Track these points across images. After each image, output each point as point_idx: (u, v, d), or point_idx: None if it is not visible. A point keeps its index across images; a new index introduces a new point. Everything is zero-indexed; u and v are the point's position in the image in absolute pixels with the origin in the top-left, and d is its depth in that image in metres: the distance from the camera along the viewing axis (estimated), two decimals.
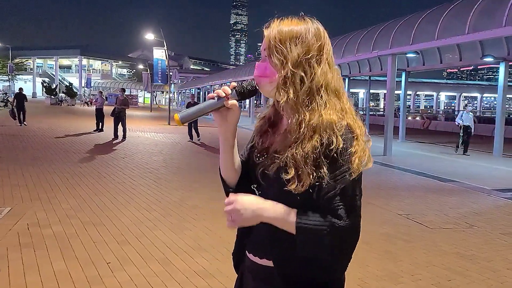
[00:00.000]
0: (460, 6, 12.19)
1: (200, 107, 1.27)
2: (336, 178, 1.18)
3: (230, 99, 1.27)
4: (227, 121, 1.31)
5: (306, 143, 1.19)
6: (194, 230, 5.29)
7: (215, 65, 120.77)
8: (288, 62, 1.24)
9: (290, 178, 1.19)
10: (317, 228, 1.17)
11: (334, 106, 1.24)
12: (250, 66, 34.97)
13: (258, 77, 1.31)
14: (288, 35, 1.26)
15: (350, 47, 16.81)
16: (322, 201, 1.19)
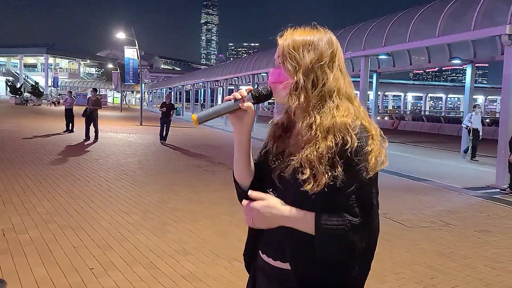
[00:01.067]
0: (430, 10, 12.52)
1: (217, 108, 1.32)
2: (352, 177, 1.21)
3: (246, 102, 1.32)
4: (242, 123, 1.36)
5: (320, 144, 1.23)
6: (177, 233, 5.23)
7: (186, 65, 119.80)
8: (300, 68, 1.29)
9: (306, 179, 1.22)
10: (336, 227, 1.21)
11: (347, 109, 1.28)
12: (222, 66, 34.89)
13: (272, 83, 1.35)
14: (301, 43, 1.31)
15: None
16: (338, 199, 1.23)
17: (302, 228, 1.26)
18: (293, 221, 1.27)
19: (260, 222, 1.30)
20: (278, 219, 1.28)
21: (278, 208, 1.28)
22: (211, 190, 7.76)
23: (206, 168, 10.34)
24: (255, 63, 24.13)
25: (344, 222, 1.20)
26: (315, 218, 1.23)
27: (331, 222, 1.21)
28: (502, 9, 9.77)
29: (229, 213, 6.24)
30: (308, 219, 1.25)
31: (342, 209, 1.22)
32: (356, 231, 1.21)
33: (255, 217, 1.29)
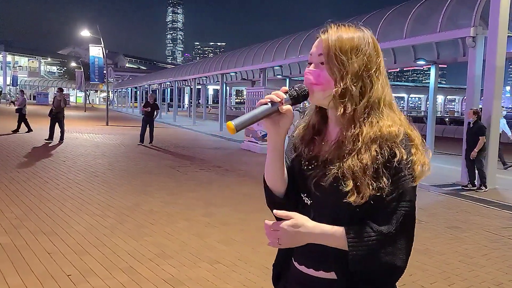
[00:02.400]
0: (397, 12, 12.82)
1: (254, 113, 1.19)
2: (395, 186, 1.18)
3: (284, 104, 1.22)
4: (279, 127, 1.26)
5: (364, 154, 1.19)
6: (155, 236, 5.13)
7: (151, 64, 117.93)
8: (348, 74, 1.22)
9: (349, 190, 1.18)
10: (368, 241, 1.17)
11: (392, 118, 1.25)
12: (190, 65, 34.54)
13: (311, 85, 1.26)
14: (349, 44, 1.23)
15: (293, 48, 17.13)
16: (380, 208, 1.19)
17: (333, 244, 1.22)
18: (323, 239, 1.22)
19: (287, 242, 1.23)
20: (307, 237, 1.22)
21: (306, 226, 1.22)
22: (186, 191, 7.66)
23: (178, 169, 10.21)
24: (224, 62, 24.03)
25: (376, 234, 1.17)
26: (346, 233, 1.19)
27: (363, 237, 1.17)
28: (466, 13, 10.12)
29: (206, 214, 6.18)
30: (338, 235, 1.20)
31: (376, 218, 1.19)
32: (391, 242, 1.18)
33: (282, 237, 1.22)
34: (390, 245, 1.18)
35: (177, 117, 32.80)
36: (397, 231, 1.18)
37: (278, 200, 1.35)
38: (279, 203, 1.34)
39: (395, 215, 1.18)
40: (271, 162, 1.33)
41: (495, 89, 9.14)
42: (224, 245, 4.89)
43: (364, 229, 1.18)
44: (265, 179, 1.37)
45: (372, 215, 1.20)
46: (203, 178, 8.96)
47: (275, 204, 1.35)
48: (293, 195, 1.36)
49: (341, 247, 1.20)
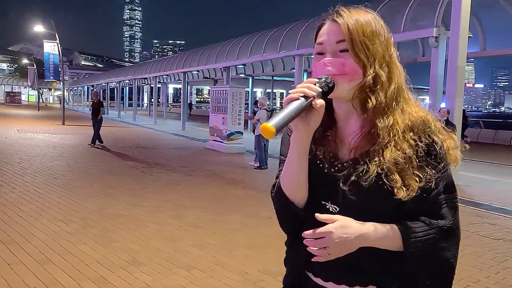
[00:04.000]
0: None
1: (290, 110, 1.00)
2: (440, 176, 1.10)
3: (317, 98, 1.04)
4: (309, 125, 1.07)
5: (403, 144, 1.08)
6: (124, 241, 4.85)
7: (109, 62, 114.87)
8: (376, 60, 1.09)
9: (398, 186, 1.05)
10: (427, 236, 1.08)
11: (416, 102, 1.16)
12: (150, 63, 33.77)
13: (335, 76, 1.09)
14: (369, 28, 1.10)
15: (257, 47, 17.03)
16: (426, 201, 1.09)
17: (386, 246, 1.09)
18: (376, 239, 1.08)
19: (337, 249, 1.07)
20: (358, 240, 1.07)
21: (355, 228, 1.07)
22: (152, 193, 7.37)
23: (142, 169, 9.85)
24: (186, 60, 23.63)
25: (432, 229, 1.09)
26: (401, 231, 1.08)
27: (420, 233, 1.08)
28: (428, 14, 10.35)
29: (176, 217, 5.94)
30: (393, 234, 1.08)
31: (427, 212, 1.10)
32: (448, 237, 1.10)
33: (331, 245, 1.06)
34: (447, 240, 1.10)
35: (137, 116, 32.00)
36: (453, 225, 1.11)
37: (300, 214, 1.16)
38: (300, 218, 1.17)
39: (447, 207, 1.12)
40: (297, 168, 1.13)
41: (457, 88, 9.39)
42: (199, 249, 4.69)
43: (419, 225, 1.09)
44: (284, 190, 1.16)
45: (420, 211, 1.10)
46: (169, 179, 8.68)
47: (293, 219, 1.19)
48: (312, 206, 1.17)
49: (394, 248, 1.09)
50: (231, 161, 11.83)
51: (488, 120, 29.64)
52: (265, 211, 6.45)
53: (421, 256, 1.08)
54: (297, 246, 1.21)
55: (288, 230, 1.26)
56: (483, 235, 5.60)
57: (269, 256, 4.56)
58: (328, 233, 1.06)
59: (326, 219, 1.07)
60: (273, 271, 4.15)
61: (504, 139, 21.60)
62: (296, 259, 1.24)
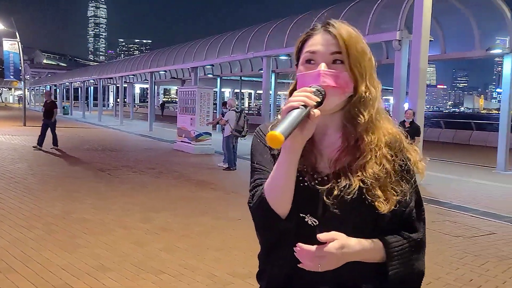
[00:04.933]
0: (328, 15, 13.20)
1: (293, 118, 0.99)
2: (412, 191, 1.18)
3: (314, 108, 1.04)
4: (302, 135, 1.04)
5: (383, 160, 1.14)
6: (90, 246, 4.75)
7: (72, 61, 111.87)
8: (367, 75, 1.13)
9: (379, 199, 1.10)
10: (404, 250, 1.16)
11: (388, 119, 1.21)
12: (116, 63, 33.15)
13: (328, 87, 1.08)
14: (359, 44, 1.13)
15: (226, 47, 17.02)
16: (401, 216, 1.16)
17: (370, 259, 1.14)
18: (363, 255, 1.12)
19: (331, 266, 1.09)
20: (349, 257, 1.10)
21: (351, 246, 1.10)
22: (119, 196, 7.25)
23: (109, 172, 9.66)
24: (154, 60, 23.33)
25: (408, 242, 1.17)
26: (384, 246, 1.14)
27: (399, 246, 1.15)
28: (392, 18, 10.64)
29: (144, 220, 5.87)
30: (375, 248, 1.14)
31: (403, 225, 1.17)
32: (420, 248, 1.19)
33: (328, 261, 1.08)
34: (419, 251, 1.19)
35: (102, 117, 31.31)
36: (423, 237, 1.20)
37: (283, 226, 1.13)
38: (281, 229, 1.14)
39: (419, 221, 1.20)
40: (286, 178, 1.09)
41: (419, 89, 9.69)
42: (167, 253, 4.65)
43: (397, 239, 1.16)
44: (269, 201, 1.11)
45: (395, 224, 1.16)
46: (137, 181, 8.56)
47: (275, 231, 1.15)
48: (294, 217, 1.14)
49: (377, 261, 1.15)
50: (200, 162, 11.78)
51: (449, 120, 30.71)
52: (234, 213, 6.47)
53: (400, 267, 1.14)
54: (274, 261, 1.21)
55: (266, 242, 1.24)
56: (445, 232, 5.81)
57: (238, 259, 4.58)
58: (329, 254, 1.07)
59: (327, 239, 1.07)
60: (242, 273, 4.17)
61: (463, 138, 22.44)
62: (273, 275, 1.23)
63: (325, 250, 1.07)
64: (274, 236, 1.18)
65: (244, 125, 10.84)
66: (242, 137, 10.99)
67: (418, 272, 1.19)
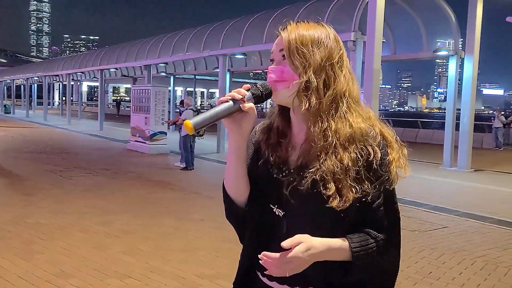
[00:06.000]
0: (282, 15, 13.30)
1: (215, 111, 1.12)
2: (378, 189, 1.16)
3: (247, 102, 1.14)
4: (241, 127, 1.17)
5: (343, 154, 1.13)
6: (48, 252, 4.53)
7: (13, 57, 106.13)
8: (310, 66, 1.16)
9: (331, 194, 1.11)
10: (369, 249, 1.15)
11: (360, 113, 1.21)
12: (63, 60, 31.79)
13: (274, 82, 1.19)
14: (310, 38, 1.19)
15: (180, 45, 16.76)
16: (365, 214, 1.16)
17: (337, 258, 1.15)
18: (329, 254, 1.14)
19: (299, 269, 1.12)
20: (315, 258, 1.12)
21: (316, 247, 1.12)
22: (75, 198, 6.96)
23: (61, 173, 9.25)
24: (104, 57, 22.58)
25: (375, 242, 1.17)
26: (350, 245, 1.15)
27: (365, 246, 1.15)
28: (346, 19, 10.90)
29: (103, 223, 5.67)
30: (344, 248, 1.15)
31: (368, 224, 1.17)
32: (388, 247, 1.19)
33: (295, 266, 1.10)
34: (387, 251, 1.19)
35: (48, 116, 29.92)
36: (392, 237, 1.20)
37: (240, 211, 1.25)
38: (241, 215, 1.26)
39: (386, 220, 1.19)
40: (233, 167, 1.22)
41: (373, 89, 9.99)
42: (131, 257, 4.52)
43: (364, 238, 1.16)
44: (226, 187, 1.27)
45: (361, 221, 1.17)
46: (92, 183, 8.25)
47: (237, 216, 1.27)
48: (256, 206, 1.25)
49: (343, 259, 1.16)
50: (156, 162, 11.55)
51: (397, 119, 31.95)
52: (196, 213, 6.40)
53: (366, 266, 1.16)
54: (244, 247, 1.30)
55: (234, 226, 1.34)
56: (402, 227, 6.04)
57: (204, 260, 4.53)
58: (295, 258, 1.09)
59: (292, 244, 1.09)
60: (210, 274, 4.13)
61: (411, 136, 23.42)
62: (243, 259, 1.30)
63: (290, 256, 1.09)
64: (238, 222, 1.30)
65: None
66: (199, 137, 10.87)
67: (386, 271, 1.20)
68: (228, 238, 5.16)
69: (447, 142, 12.33)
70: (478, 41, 11.65)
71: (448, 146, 12.28)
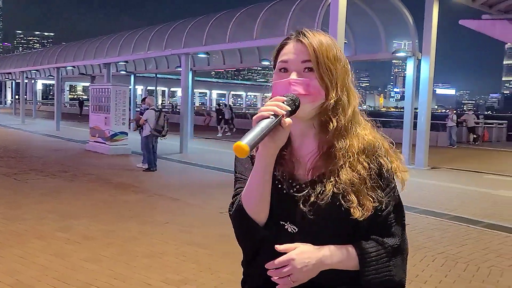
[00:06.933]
0: (246, 14, 13.28)
1: (261, 128, 1.01)
2: (389, 196, 1.18)
3: (285, 117, 1.05)
4: (275, 143, 1.08)
5: (357, 166, 1.14)
6: (3, 261, 4.30)
7: None
8: (338, 83, 1.15)
9: (353, 206, 1.10)
10: (380, 256, 1.15)
11: (365, 126, 1.22)
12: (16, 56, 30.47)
13: (301, 95, 1.12)
14: (331, 51, 1.15)
15: (141, 43, 16.41)
16: (378, 221, 1.16)
17: (344, 267, 1.14)
18: (335, 263, 1.13)
19: (301, 275, 1.10)
20: (318, 265, 1.11)
21: (314, 252, 1.11)
22: (32, 203, 6.65)
23: (16, 176, 8.83)
24: (60, 55, 21.79)
25: (383, 249, 1.16)
26: (358, 253, 1.14)
27: (374, 253, 1.15)
28: (309, 21, 11.02)
29: (63, 229, 5.45)
30: (349, 255, 1.14)
31: (379, 231, 1.17)
32: (397, 254, 1.18)
33: (295, 272, 1.09)
34: (396, 257, 1.18)
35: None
36: (401, 243, 1.20)
37: (261, 233, 1.16)
38: (260, 237, 1.17)
39: (396, 227, 1.20)
40: (262, 186, 1.12)
41: None
42: (93, 264, 4.36)
43: (372, 245, 1.16)
44: (246, 208, 1.15)
45: (372, 229, 1.17)
46: (50, 186, 7.92)
47: (254, 239, 1.18)
48: (273, 224, 1.18)
49: (351, 268, 1.15)
50: (117, 164, 11.24)
51: None
52: (160, 216, 6.27)
53: (375, 274, 1.15)
54: (255, 267, 1.22)
55: (247, 249, 1.26)
56: None
57: (170, 265, 4.43)
58: (290, 260, 1.09)
59: (286, 249, 1.10)
60: (176, 279, 4.05)
61: None
62: (253, 280, 1.25)
63: (285, 257, 1.09)
64: (254, 244, 1.21)
65: (164, 124, 10.55)
66: (162, 137, 10.69)
67: (395, 280, 1.18)
68: (194, 242, 5.09)
69: (406, 140, 12.67)
70: (434, 43, 12.06)
71: (407, 144, 12.63)
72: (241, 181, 1.24)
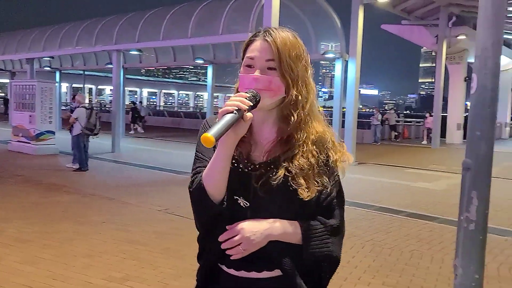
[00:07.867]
0: (180, 12, 13.22)
1: (226, 121, 1.16)
2: (333, 183, 1.34)
3: (247, 111, 1.20)
4: (236, 134, 1.22)
5: (309, 154, 1.29)
6: None
7: None
8: (298, 80, 1.29)
9: (301, 187, 1.26)
10: (321, 233, 1.31)
11: (319, 118, 1.38)
12: None
13: (261, 91, 1.25)
14: (295, 50, 1.28)
15: (69, 38, 15.71)
16: (323, 204, 1.33)
17: (289, 239, 1.30)
18: (281, 235, 1.29)
19: (251, 244, 1.26)
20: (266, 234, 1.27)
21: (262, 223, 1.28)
22: None
23: None
24: None
25: (327, 227, 1.32)
26: (302, 228, 1.30)
27: (316, 229, 1.30)
28: (243, 20, 11.26)
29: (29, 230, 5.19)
30: (295, 230, 1.30)
31: (323, 213, 1.33)
32: (337, 233, 1.34)
33: (244, 240, 1.25)
34: (335, 236, 1.35)
35: None
36: (340, 225, 1.36)
37: (218, 209, 1.29)
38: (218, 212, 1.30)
39: (337, 210, 1.36)
40: (222, 171, 1.26)
41: None
42: (30, 266, 4.23)
43: (316, 223, 1.32)
44: (206, 188, 1.27)
45: (318, 211, 1.33)
46: (8, 185, 7.46)
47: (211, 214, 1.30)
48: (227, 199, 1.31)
49: (296, 242, 1.30)
50: (45, 164, 10.74)
51: None
52: (96, 216, 6.16)
53: (316, 248, 1.32)
54: (210, 242, 1.35)
55: (203, 224, 1.37)
56: None
57: (111, 263, 4.42)
58: (240, 229, 1.26)
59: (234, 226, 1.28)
60: (118, 276, 4.06)
61: None
62: (210, 253, 1.38)
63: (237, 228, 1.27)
64: (209, 219, 1.32)
65: (96, 122, 10.23)
66: (94, 136, 10.35)
67: (333, 256, 1.34)
68: (133, 239, 5.09)
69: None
70: (360, 45, 12.78)
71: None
72: (200, 161, 1.36)
